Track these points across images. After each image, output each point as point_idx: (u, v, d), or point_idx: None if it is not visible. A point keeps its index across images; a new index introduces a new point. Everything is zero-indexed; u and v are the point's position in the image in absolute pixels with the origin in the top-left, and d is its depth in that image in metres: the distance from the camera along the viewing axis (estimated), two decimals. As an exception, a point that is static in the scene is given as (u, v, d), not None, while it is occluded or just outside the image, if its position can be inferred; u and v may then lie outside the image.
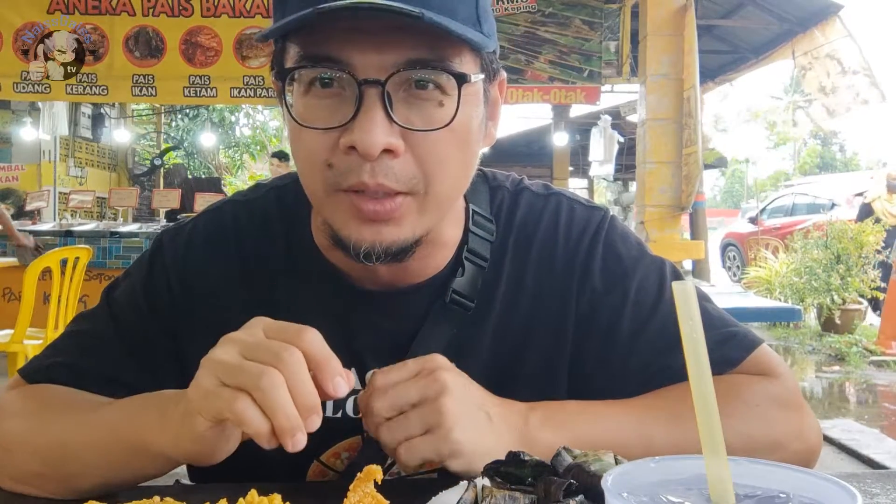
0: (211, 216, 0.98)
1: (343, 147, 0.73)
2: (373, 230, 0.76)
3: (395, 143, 0.73)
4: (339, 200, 0.77)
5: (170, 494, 0.67)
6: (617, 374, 0.91)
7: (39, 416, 0.85)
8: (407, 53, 0.72)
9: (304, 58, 0.74)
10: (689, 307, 0.49)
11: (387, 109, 0.72)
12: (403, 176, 0.75)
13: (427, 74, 0.73)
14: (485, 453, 0.72)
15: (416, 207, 0.77)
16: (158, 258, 0.95)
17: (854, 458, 3.88)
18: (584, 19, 7.46)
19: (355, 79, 0.72)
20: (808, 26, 7.30)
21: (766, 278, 8.36)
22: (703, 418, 0.49)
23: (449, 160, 0.77)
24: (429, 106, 0.75)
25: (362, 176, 0.73)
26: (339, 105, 0.74)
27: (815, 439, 0.87)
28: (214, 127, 15.51)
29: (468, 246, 0.91)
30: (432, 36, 0.72)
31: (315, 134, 0.75)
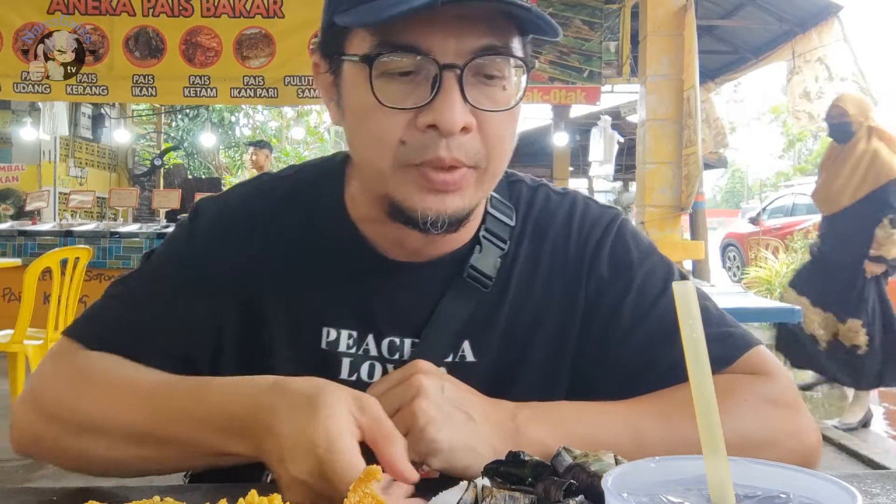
0: (248, 185, 1.03)
1: (422, 126, 0.80)
2: (438, 199, 0.83)
3: (470, 121, 0.81)
4: (407, 173, 0.83)
5: (170, 494, 0.67)
6: (613, 362, 0.93)
7: (125, 401, 0.85)
8: (480, 40, 0.79)
9: (385, 45, 0.79)
10: (689, 307, 0.49)
11: (462, 91, 0.79)
12: (472, 151, 0.82)
13: (499, 61, 0.81)
14: (464, 449, 0.75)
15: (474, 180, 0.84)
16: (199, 222, 0.98)
17: (854, 459, 3.88)
18: (584, 19, 7.46)
19: (437, 63, 0.78)
20: (808, 27, 7.30)
21: (766, 278, 8.36)
22: (703, 418, 0.49)
23: (505, 138, 0.85)
24: (495, 90, 0.82)
25: (439, 151, 0.80)
26: (415, 88, 0.80)
27: (812, 439, 0.87)
28: (214, 127, 15.52)
29: (485, 226, 0.97)
30: (498, 25, 0.80)
31: (389, 114, 0.81)
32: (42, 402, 0.88)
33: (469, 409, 0.78)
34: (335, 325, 0.94)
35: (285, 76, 6.77)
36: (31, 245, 6.08)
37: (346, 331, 0.94)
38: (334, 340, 0.94)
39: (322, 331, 0.94)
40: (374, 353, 0.93)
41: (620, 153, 10.94)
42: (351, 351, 0.94)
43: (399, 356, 0.93)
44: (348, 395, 0.71)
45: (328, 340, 0.94)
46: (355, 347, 0.94)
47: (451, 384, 0.80)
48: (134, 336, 0.92)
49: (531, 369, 0.94)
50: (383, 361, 0.94)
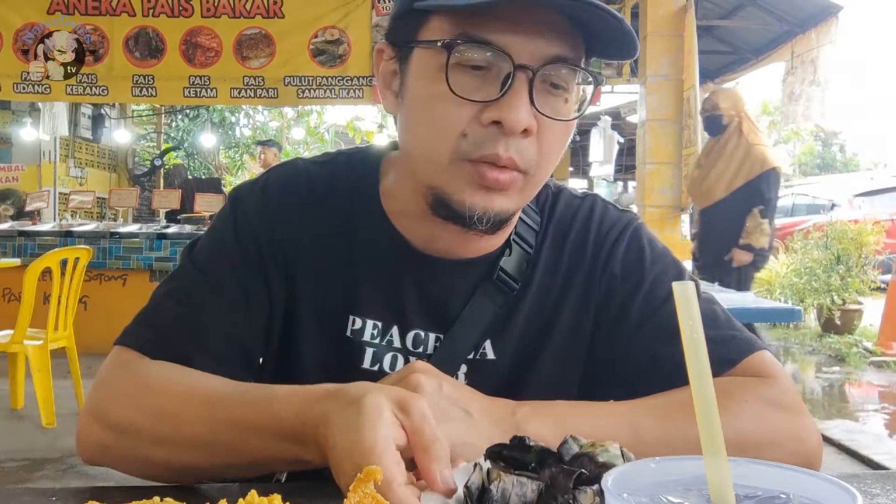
0: (284, 168, 1.03)
1: (486, 120, 0.81)
2: (487, 197, 0.84)
3: (532, 124, 0.82)
4: (461, 168, 0.84)
5: (170, 494, 0.67)
6: (619, 361, 0.95)
7: (189, 412, 0.82)
8: (554, 49, 0.81)
9: (463, 35, 0.81)
10: (689, 307, 0.49)
11: (531, 94, 0.81)
12: (527, 155, 0.84)
13: (569, 72, 0.83)
14: (463, 446, 0.75)
15: (521, 185, 0.86)
16: (240, 209, 0.97)
17: (854, 459, 3.88)
18: (584, 20, 7.45)
19: (512, 62, 0.80)
20: (808, 27, 7.30)
21: (767, 279, 8.35)
22: (703, 419, 0.49)
23: (556, 150, 0.87)
24: (558, 100, 0.84)
25: (497, 149, 0.82)
26: (485, 83, 0.82)
27: (812, 442, 0.87)
28: (214, 127, 15.52)
29: (516, 230, 0.99)
30: (571, 37, 0.82)
31: (455, 105, 0.82)
32: (106, 415, 0.86)
33: (467, 406, 0.79)
34: (361, 314, 0.95)
35: (285, 76, 6.77)
36: (31, 245, 6.09)
37: (371, 320, 0.95)
38: (359, 329, 0.95)
39: (348, 318, 0.95)
40: (398, 344, 0.95)
41: (620, 153, 10.95)
42: (375, 341, 0.95)
43: (423, 349, 0.95)
44: (394, 397, 0.69)
45: (353, 328, 0.95)
46: (380, 338, 0.95)
47: (448, 383, 0.80)
48: (194, 333, 0.90)
49: (547, 367, 0.96)
50: (406, 353, 0.95)
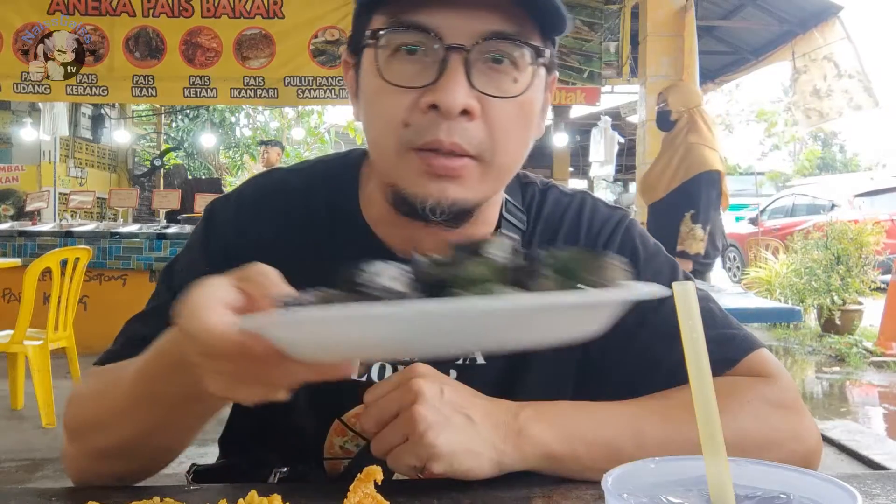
0: (259, 180, 1.02)
1: (424, 106, 0.79)
2: (439, 186, 0.82)
3: (472, 105, 0.79)
4: (410, 159, 0.82)
5: (169, 495, 0.67)
6: (617, 363, 0.94)
7: (94, 389, 0.88)
8: (491, 25, 0.79)
9: (394, 23, 0.80)
10: (689, 307, 0.49)
11: (468, 74, 0.79)
12: (475, 139, 0.81)
13: (509, 46, 0.80)
14: (465, 453, 0.74)
15: (478, 173, 0.83)
16: (212, 224, 0.98)
17: (854, 459, 3.88)
18: (584, 20, 7.46)
19: (442, 43, 0.78)
20: (808, 27, 7.30)
21: (767, 279, 8.36)
22: (703, 419, 0.49)
23: (513, 132, 0.84)
24: (504, 79, 0.81)
25: (439, 134, 0.80)
26: (422, 69, 0.80)
27: (812, 441, 0.87)
28: (215, 127, 15.52)
29: (501, 231, 0.96)
30: (513, 13, 0.79)
31: (394, 94, 0.81)
32: (66, 428, 0.89)
33: (469, 411, 0.78)
34: None
35: (285, 77, 6.77)
36: (31, 245, 6.08)
37: None
38: None
39: None
40: None
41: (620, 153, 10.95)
42: None
43: (410, 358, 0.93)
44: (234, 273, 0.66)
45: None
46: None
47: (450, 387, 0.79)
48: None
49: (538, 369, 0.94)
50: (394, 363, 0.94)
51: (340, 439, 0.93)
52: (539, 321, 0.56)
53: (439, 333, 0.54)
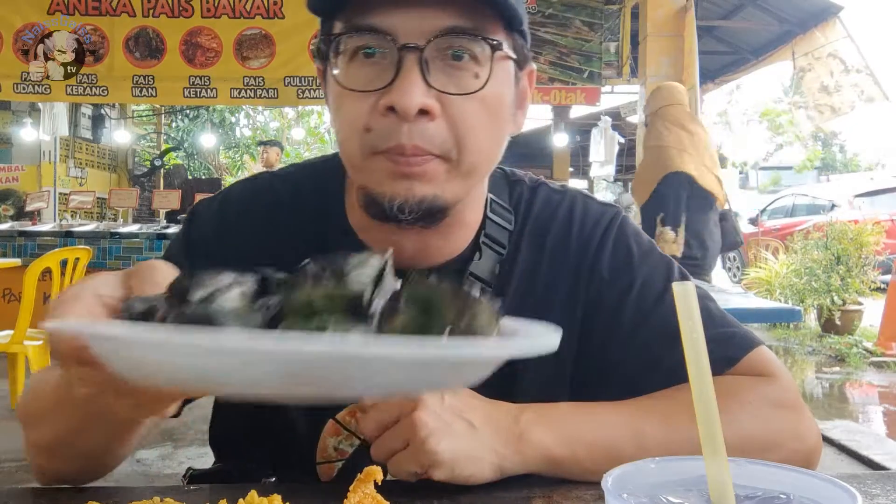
0: (245, 184, 1.01)
1: (382, 108, 0.78)
2: (406, 185, 0.80)
3: (430, 104, 0.77)
4: (375, 162, 0.81)
5: (169, 495, 0.67)
6: (615, 364, 0.93)
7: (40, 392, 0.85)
8: (445, 22, 0.77)
9: (348, 27, 0.79)
10: (688, 307, 0.49)
11: (424, 73, 0.77)
12: (437, 139, 0.79)
13: (463, 42, 0.78)
14: (466, 459, 0.74)
15: (445, 171, 0.81)
16: (195, 225, 0.97)
17: (854, 459, 3.88)
18: (584, 20, 7.46)
19: (395, 44, 0.77)
20: (808, 27, 7.31)
21: (767, 279, 8.35)
22: (703, 419, 0.49)
23: (479, 129, 0.81)
24: (464, 75, 0.79)
25: (400, 138, 0.78)
26: (380, 72, 0.79)
27: (813, 440, 0.87)
28: (215, 128, 15.52)
29: (485, 231, 0.94)
30: (469, 7, 0.77)
31: (355, 99, 0.80)
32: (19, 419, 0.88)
33: (470, 416, 0.77)
34: None
35: (285, 77, 6.77)
36: (31, 245, 6.08)
37: None
38: None
39: None
40: None
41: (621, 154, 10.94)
42: None
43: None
44: (121, 271, 0.61)
45: None
46: None
47: (449, 392, 0.79)
48: None
49: (533, 371, 0.93)
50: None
51: (335, 439, 0.92)
52: (362, 371, 0.44)
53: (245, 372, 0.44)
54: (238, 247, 0.93)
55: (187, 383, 0.48)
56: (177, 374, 0.45)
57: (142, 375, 0.48)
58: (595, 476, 0.76)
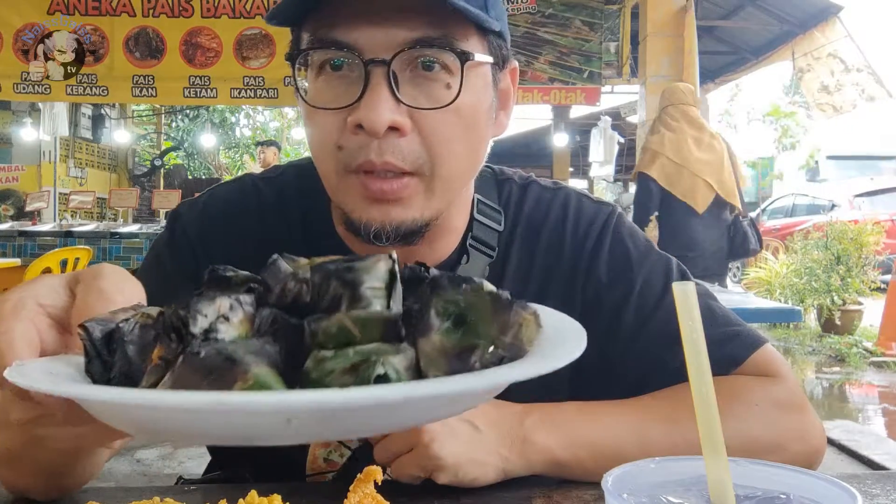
0: (230, 186, 0.99)
1: (350, 126, 0.75)
2: (381, 210, 0.78)
3: (400, 121, 0.75)
4: (349, 183, 0.79)
5: (170, 495, 0.67)
6: (617, 367, 0.92)
7: None
8: (412, 33, 0.74)
9: (313, 41, 0.76)
10: (689, 307, 0.49)
11: (392, 88, 0.74)
12: (410, 155, 0.76)
13: (432, 53, 0.75)
14: (470, 463, 0.74)
15: (422, 189, 0.79)
16: (178, 226, 0.95)
17: (854, 459, 3.88)
18: (584, 20, 7.46)
19: (361, 59, 0.74)
20: (808, 27, 7.31)
21: (767, 279, 8.35)
22: (703, 418, 0.49)
23: (454, 141, 0.78)
24: (435, 87, 0.76)
25: (370, 155, 0.75)
26: (348, 87, 0.76)
27: (817, 441, 0.87)
28: (215, 128, 15.51)
29: (472, 234, 0.92)
30: (437, 16, 0.74)
31: (325, 116, 0.77)
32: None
33: (474, 419, 0.76)
34: None
35: (285, 77, 6.75)
36: (31, 245, 6.08)
37: None
38: None
39: None
40: None
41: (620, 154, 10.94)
42: None
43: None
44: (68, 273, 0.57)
45: None
46: None
47: None
48: None
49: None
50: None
51: (324, 451, 0.91)
52: (411, 412, 0.43)
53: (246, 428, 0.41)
54: (222, 250, 0.91)
55: (210, 441, 0.46)
56: (205, 434, 0.43)
57: (150, 432, 0.45)
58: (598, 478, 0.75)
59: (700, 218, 4.44)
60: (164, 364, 0.42)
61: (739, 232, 4.61)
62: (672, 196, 4.41)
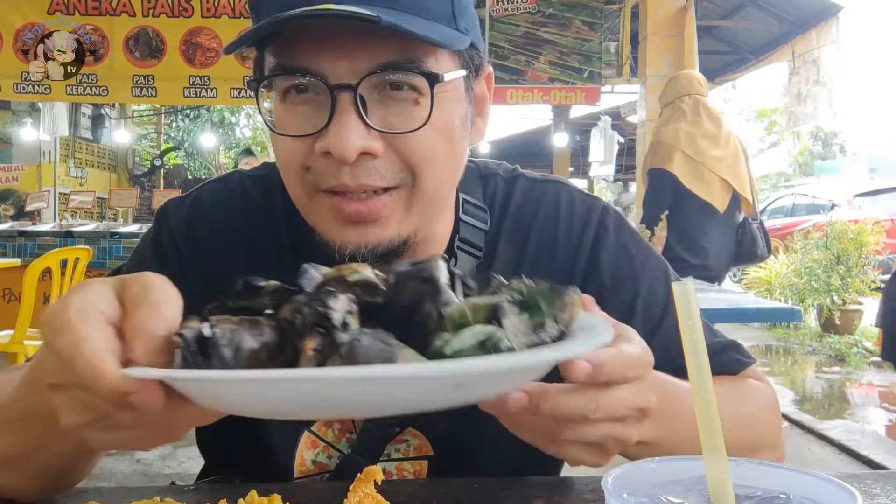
0: (217, 184, 0.97)
1: (318, 152, 0.73)
2: (357, 232, 0.76)
3: (371, 146, 0.72)
4: (321, 203, 0.76)
5: (169, 495, 0.67)
6: None
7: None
8: (377, 57, 0.72)
9: (277, 67, 0.74)
10: (689, 307, 0.49)
11: (360, 113, 0.72)
12: (388, 172, 0.74)
13: (399, 76, 0.73)
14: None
15: (402, 205, 0.76)
16: (164, 223, 0.93)
17: (854, 459, 3.88)
18: (584, 20, 7.46)
19: (327, 85, 0.72)
20: (808, 27, 7.31)
21: (767, 279, 8.36)
22: (703, 418, 0.49)
23: (435, 156, 0.76)
24: (405, 105, 0.74)
25: (342, 178, 0.73)
26: (314, 111, 0.74)
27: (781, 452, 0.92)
28: (215, 127, 15.52)
29: (459, 235, 0.89)
30: (401, 38, 0.71)
31: (291, 140, 0.75)
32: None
33: None
34: None
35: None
36: (31, 245, 6.08)
37: None
38: None
39: None
40: None
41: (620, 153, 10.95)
42: None
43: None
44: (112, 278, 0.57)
45: None
46: None
47: None
48: None
49: None
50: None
51: (312, 452, 0.90)
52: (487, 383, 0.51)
53: (347, 400, 0.47)
54: (208, 248, 0.90)
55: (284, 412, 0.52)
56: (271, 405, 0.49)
57: (227, 408, 0.50)
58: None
59: (717, 218, 4.19)
60: (317, 353, 0.48)
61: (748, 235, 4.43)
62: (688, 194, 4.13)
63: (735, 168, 4.23)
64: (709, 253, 4.21)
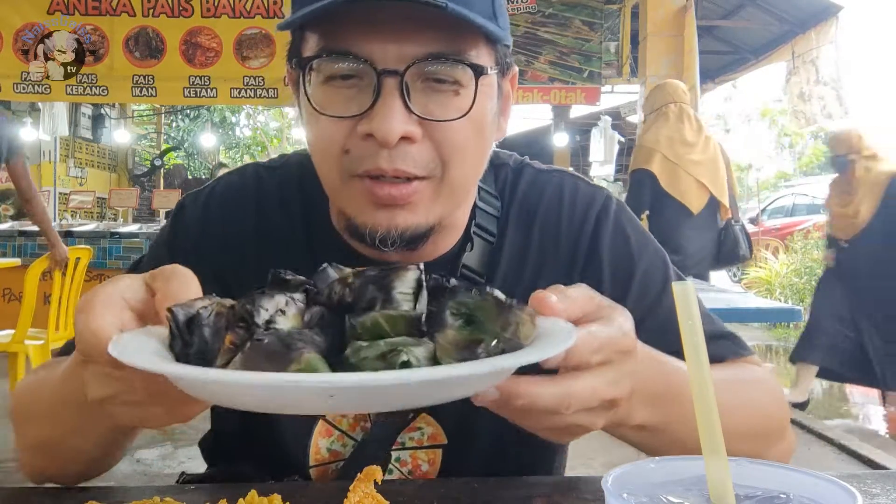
0: (233, 176, 0.99)
1: (360, 134, 0.76)
2: (388, 215, 0.78)
3: (412, 131, 0.75)
4: (353, 187, 0.78)
5: (170, 495, 0.67)
6: None
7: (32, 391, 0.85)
8: (425, 46, 0.74)
9: (324, 50, 0.76)
10: (689, 307, 0.49)
11: (405, 99, 0.74)
12: (422, 161, 0.77)
13: (445, 68, 0.75)
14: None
15: (430, 193, 0.79)
16: (181, 219, 0.96)
17: (854, 459, 3.88)
18: (584, 20, 7.46)
19: (375, 69, 0.74)
20: (808, 27, 7.31)
21: (767, 279, 8.36)
22: (702, 418, 0.49)
23: (466, 148, 0.79)
24: (446, 96, 0.76)
25: (379, 162, 0.75)
26: (357, 94, 0.76)
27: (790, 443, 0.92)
28: (215, 127, 15.52)
29: (476, 221, 0.92)
30: (450, 29, 0.74)
31: (333, 121, 0.77)
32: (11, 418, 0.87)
33: None
34: None
35: (285, 76, 6.76)
36: (31, 245, 6.08)
37: None
38: None
39: None
40: None
41: (620, 153, 10.94)
42: None
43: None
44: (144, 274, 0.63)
45: None
46: None
47: None
48: None
49: None
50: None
51: (327, 440, 0.91)
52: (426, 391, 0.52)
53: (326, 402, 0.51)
54: (224, 241, 0.92)
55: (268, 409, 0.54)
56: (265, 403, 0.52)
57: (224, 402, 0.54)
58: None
59: (692, 219, 4.33)
60: (234, 348, 0.52)
61: (730, 237, 4.51)
62: (666, 195, 4.30)
63: (713, 172, 4.39)
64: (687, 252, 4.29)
